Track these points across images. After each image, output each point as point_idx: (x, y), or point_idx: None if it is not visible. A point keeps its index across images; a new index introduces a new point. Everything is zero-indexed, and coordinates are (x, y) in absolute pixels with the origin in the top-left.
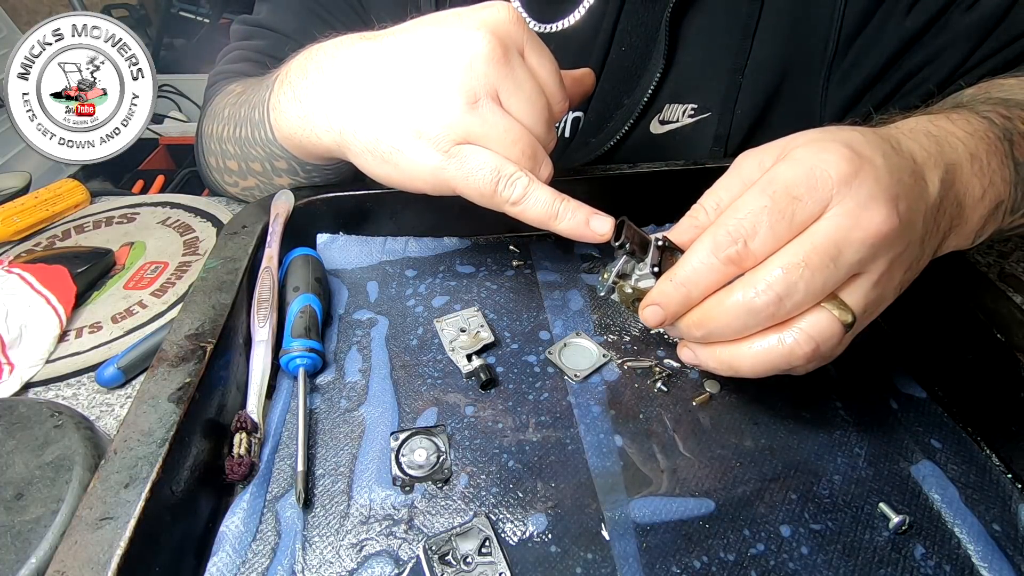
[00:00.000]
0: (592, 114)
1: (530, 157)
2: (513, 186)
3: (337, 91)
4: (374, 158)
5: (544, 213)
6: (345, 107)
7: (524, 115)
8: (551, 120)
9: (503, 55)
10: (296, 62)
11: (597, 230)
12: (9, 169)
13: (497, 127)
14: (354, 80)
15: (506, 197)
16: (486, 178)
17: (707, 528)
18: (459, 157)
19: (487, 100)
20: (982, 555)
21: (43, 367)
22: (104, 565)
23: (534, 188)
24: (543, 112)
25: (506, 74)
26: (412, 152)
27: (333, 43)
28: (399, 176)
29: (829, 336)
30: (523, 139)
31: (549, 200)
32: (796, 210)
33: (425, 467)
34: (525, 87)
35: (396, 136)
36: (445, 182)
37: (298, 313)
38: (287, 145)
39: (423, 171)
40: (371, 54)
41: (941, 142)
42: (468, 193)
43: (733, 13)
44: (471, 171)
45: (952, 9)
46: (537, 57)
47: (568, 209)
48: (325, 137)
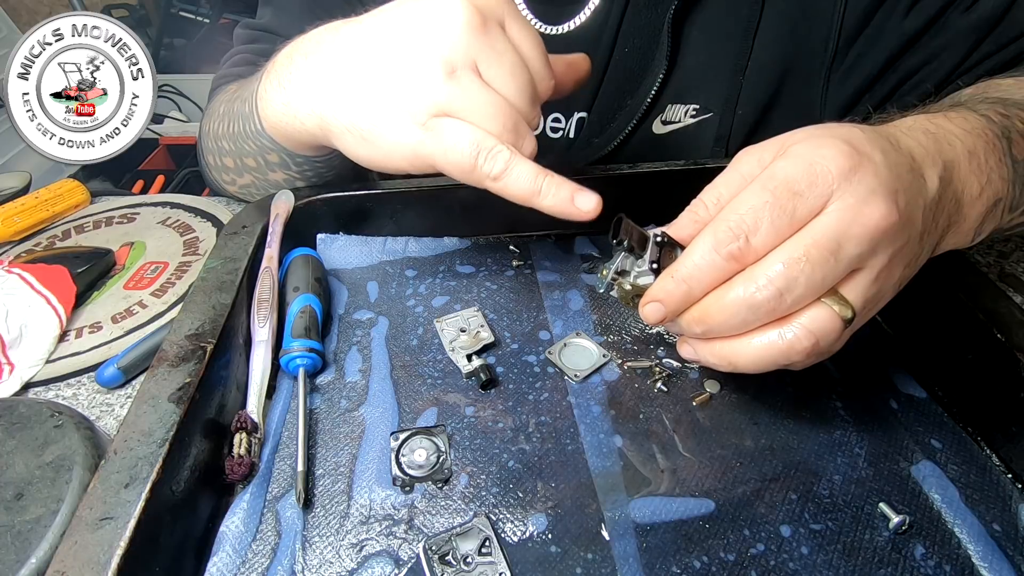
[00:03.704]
0: (595, 115)
1: (511, 131)
2: (494, 160)
3: (318, 74)
4: (354, 138)
5: (527, 189)
6: (325, 89)
7: (505, 87)
8: (535, 96)
9: (481, 24)
10: (284, 51)
11: (582, 207)
12: (9, 169)
13: (476, 98)
14: (334, 62)
15: (486, 172)
16: (465, 151)
17: (707, 528)
18: (437, 130)
19: (465, 70)
20: (982, 555)
21: (43, 367)
22: (104, 565)
23: (516, 162)
24: (525, 86)
25: (485, 44)
26: (390, 128)
27: (319, 31)
28: (379, 155)
29: (829, 331)
30: (504, 111)
31: (532, 175)
32: (796, 205)
33: (425, 467)
34: (506, 58)
35: (373, 113)
36: (423, 158)
37: (298, 313)
38: (274, 134)
39: (402, 147)
40: (352, 35)
41: (939, 140)
42: (447, 168)
43: (734, 14)
44: (450, 145)
45: (951, 10)
46: (519, 30)
47: (552, 185)
48: (308, 121)
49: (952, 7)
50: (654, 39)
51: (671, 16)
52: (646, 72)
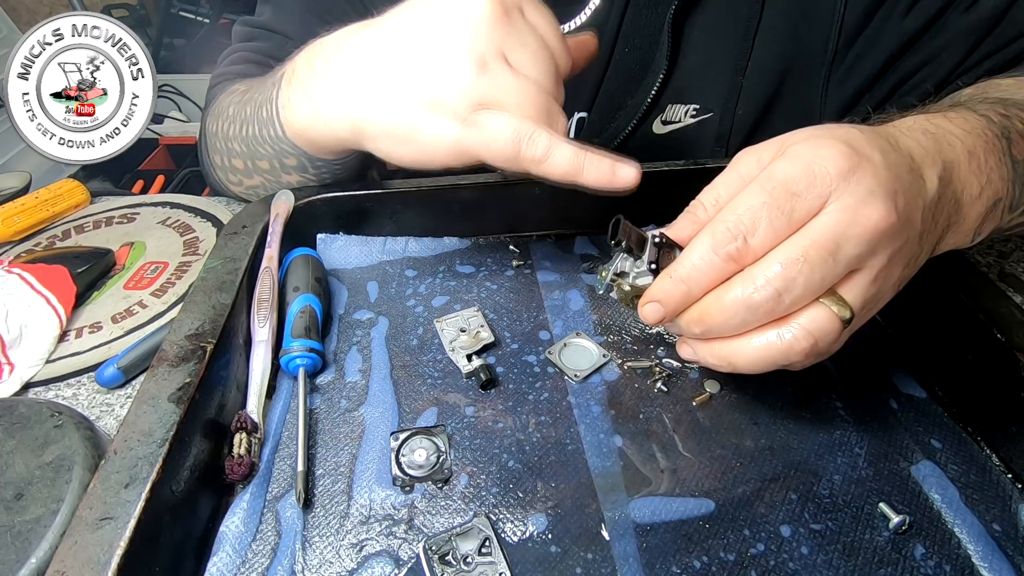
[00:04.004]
0: (596, 115)
1: (545, 112)
2: (535, 144)
3: (347, 81)
4: (393, 140)
5: (569, 167)
6: (357, 95)
7: (533, 71)
8: (558, 75)
9: (504, 13)
10: (302, 59)
11: (624, 177)
12: (9, 169)
13: (509, 87)
14: (362, 67)
15: (530, 156)
16: (508, 139)
17: (707, 528)
18: (477, 124)
19: (496, 61)
20: (982, 555)
21: (43, 367)
22: (104, 565)
23: (556, 144)
24: (550, 66)
25: (510, 31)
26: (430, 126)
27: (336, 36)
28: (421, 153)
29: (827, 332)
30: (537, 95)
31: (572, 153)
32: (795, 206)
33: (425, 467)
34: (530, 43)
35: (411, 113)
36: (467, 151)
37: (298, 313)
38: (298, 141)
39: (444, 143)
40: (375, 39)
41: (939, 140)
42: (492, 159)
43: (734, 14)
44: (492, 136)
45: (950, 10)
46: (536, 12)
47: (593, 161)
48: (339, 128)
49: (952, 7)
50: (654, 39)
51: (671, 16)
52: (646, 72)
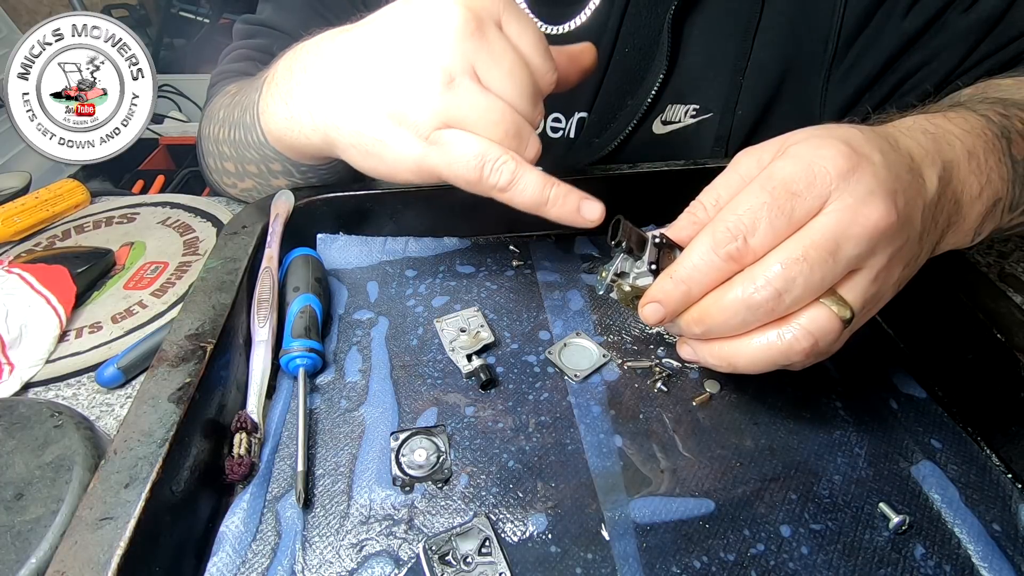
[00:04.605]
0: (596, 115)
1: (514, 136)
2: (500, 172)
3: (320, 88)
4: (358, 152)
5: (534, 199)
6: (327, 103)
7: (505, 90)
8: (536, 94)
9: (477, 27)
10: (283, 62)
11: (588, 216)
12: (9, 169)
13: (477, 107)
14: (334, 75)
15: (493, 183)
16: (470, 164)
17: (707, 528)
18: (441, 143)
19: (464, 78)
20: (982, 555)
21: (43, 367)
22: (104, 565)
23: (522, 173)
24: (526, 86)
25: (481, 47)
26: (394, 142)
27: (317, 40)
28: (385, 168)
29: (828, 332)
30: (506, 117)
31: (539, 185)
32: (795, 206)
33: (425, 467)
34: (504, 60)
35: (376, 127)
36: (429, 170)
37: (298, 313)
38: (278, 147)
39: (407, 160)
40: (349, 46)
41: (938, 140)
42: (454, 181)
43: (734, 15)
44: (454, 158)
45: (950, 10)
46: (517, 27)
47: (560, 195)
48: (312, 136)
49: (951, 7)
50: (654, 39)
51: (671, 16)
52: (646, 72)
